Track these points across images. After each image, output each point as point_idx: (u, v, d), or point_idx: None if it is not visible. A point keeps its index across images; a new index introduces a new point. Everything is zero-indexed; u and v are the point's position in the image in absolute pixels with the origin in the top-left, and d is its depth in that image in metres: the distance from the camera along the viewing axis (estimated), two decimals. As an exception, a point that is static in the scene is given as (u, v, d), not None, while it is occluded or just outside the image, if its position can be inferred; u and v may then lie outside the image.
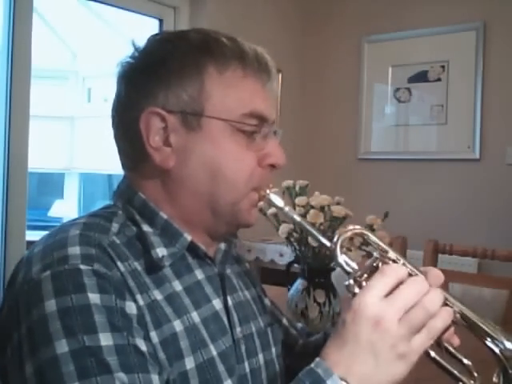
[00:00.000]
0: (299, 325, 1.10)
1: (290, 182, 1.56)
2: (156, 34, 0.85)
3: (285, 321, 1.04)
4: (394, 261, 0.72)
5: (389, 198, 3.26)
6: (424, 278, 0.68)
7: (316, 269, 1.51)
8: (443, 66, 3.32)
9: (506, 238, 2.87)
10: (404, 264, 0.71)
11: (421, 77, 3.39)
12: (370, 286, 0.66)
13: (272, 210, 1.47)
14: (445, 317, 0.67)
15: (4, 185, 2.30)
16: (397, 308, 0.65)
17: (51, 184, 5.81)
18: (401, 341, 0.65)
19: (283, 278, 1.58)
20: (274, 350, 0.90)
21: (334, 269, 1.51)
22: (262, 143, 0.81)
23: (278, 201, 0.83)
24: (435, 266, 2.31)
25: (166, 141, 0.78)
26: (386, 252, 0.72)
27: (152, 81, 0.79)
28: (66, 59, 5.57)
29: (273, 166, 0.82)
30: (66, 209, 5.33)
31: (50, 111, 5.23)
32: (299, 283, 1.54)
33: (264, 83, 0.83)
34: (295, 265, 1.57)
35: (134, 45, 0.83)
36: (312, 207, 1.47)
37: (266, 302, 0.99)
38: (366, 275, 0.69)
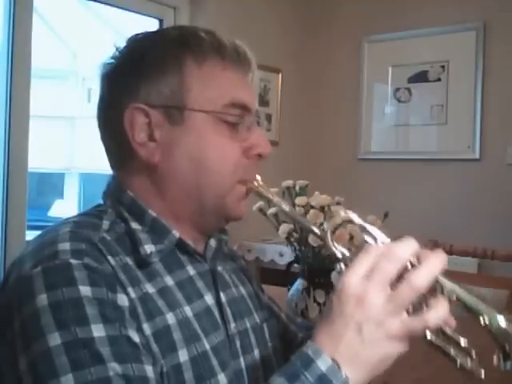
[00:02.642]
0: (299, 320, 1.10)
1: (289, 182, 1.56)
2: (136, 35, 0.86)
3: (283, 316, 1.04)
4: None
5: (389, 198, 3.25)
6: (405, 244, 0.66)
7: (316, 269, 1.50)
8: (443, 66, 3.32)
9: (506, 238, 2.87)
10: None
11: (421, 77, 3.39)
12: (353, 265, 0.67)
13: (272, 210, 1.48)
14: (440, 310, 0.65)
15: (4, 185, 2.30)
16: (376, 282, 0.65)
17: (51, 184, 5.81)
18: (388, 318, 0.64)
19: (283, 277, 1.58)
20: (270, 345, 0.90)
21: (334, 269, 1.51)
22: (246, 134, 0.82)
23: (267, 192, 0.83)
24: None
25: (150, 136, 0.79)
26: (376, 238, 0.72)
27: (133, 77, 0.80)
28: (66, 59, 5.57)
29: (259, 156, 0.83)
30: (66, 209, 5.34)
31: (50, 111, 5.23)
32: (299, 283, 1.53)
33: (244, 74, 0.83)
34: (295, 265, 1.57)
35: (115, 45, 0.84)
36: (312, 207, 1.47)
37: (263, 298, 0.99)
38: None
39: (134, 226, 0.79)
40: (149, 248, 0.77)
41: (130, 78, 0.80)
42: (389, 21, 3.47)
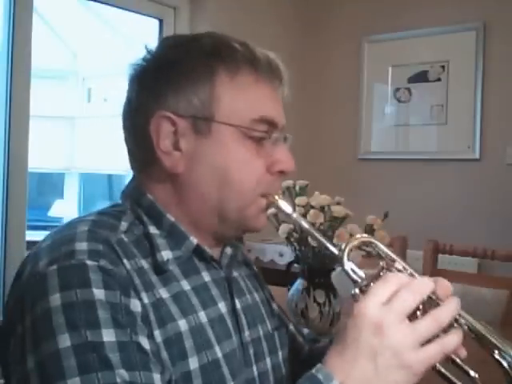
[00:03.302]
0: (305, 330, 1.10)
1: (289, 182, 1.56)
2: (168, 38, 0.86)
3: (291, 327, 1.04)
4: (400, 270, 0.71)
5: (389, 198, 3.25)
6: (426, 280, 0.67)
7: (316, 269, 1.50)
8: (443, 66, 3.32)
9: (505, 238, 2.87)
10: (411, 274, 0.71)
11: (421, 77, 3.39)
12: (372, 292, 0.67)
13: (272, 210, 1.47)
14: (458, 335, 0.66)
15: (4, 185, 2.30)
16: (397, 312, 0.65)
17: (51, 184, 5.81)
18: (406, 349, 0.64)
19: (283, 277, 1.58)
20: (280, 353, 0.90)
21: (333, 269, 1.51)
22: (272, 149, 0.81)
23: (287, 207, 0.83)
24: (435, 266, 2.32)
25: (175, 145, 0.78)
26: (393, 261, 0.72)
27: (163, 84, 0.79)
28: (66, 59, 5.57)
29: (282, 172, 0.83)
30: (66, 209, 5.33)
31: (50, 111, 5.23)
32: (299, 283, 1.54)
33: (275, 88, 0.83)
34: (295, 265, 1.57)
35: (146, 48, 0.83)
36: (312, 207, 1.47)
37: (274, 306, 0.99)
38: (372, 284, 0.69)
39: (152, 230, 0.79)
40: (166, 255, 0.77)
41: (161, 85, 0.79)
42: (389, 21, 3.47)
